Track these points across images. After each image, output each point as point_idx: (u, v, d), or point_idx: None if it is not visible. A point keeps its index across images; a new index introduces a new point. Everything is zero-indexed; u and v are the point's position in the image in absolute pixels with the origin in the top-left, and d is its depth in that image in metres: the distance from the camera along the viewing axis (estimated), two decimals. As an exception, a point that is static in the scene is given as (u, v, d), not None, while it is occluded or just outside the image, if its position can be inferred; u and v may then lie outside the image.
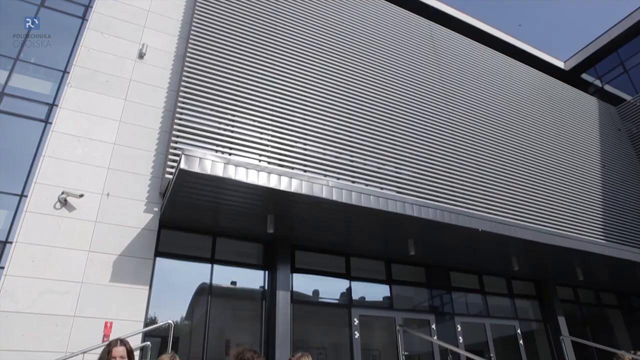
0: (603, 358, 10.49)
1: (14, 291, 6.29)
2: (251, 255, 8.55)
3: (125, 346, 3.69)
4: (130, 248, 7.20)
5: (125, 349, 3.66)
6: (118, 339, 3.76)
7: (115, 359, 3.55)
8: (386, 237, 8.94)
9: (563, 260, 10.39)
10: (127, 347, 3.70)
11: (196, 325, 7.83)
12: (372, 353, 9.27)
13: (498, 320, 10.83)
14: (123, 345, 3.68)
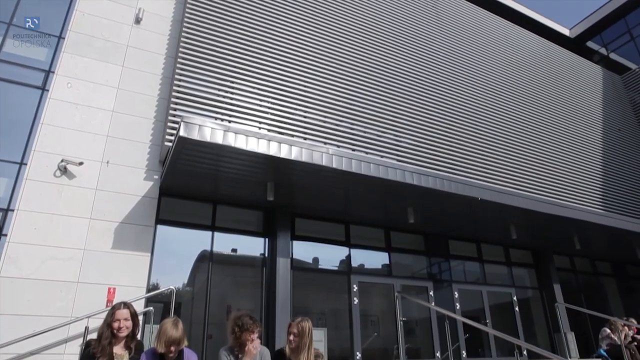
0: (596, 324, 10.70)
1: (18, 258, 6.37)
2: (251, 223, 8.61)
3: (129, 309, 3.76)
4: (131, 215, 7.24)
5: (129, 312, 3.72)
6: (122, 302, 3.82)
7: (119, 321, 3.62)
8: (386, 205, 8.99)
9: (561, 230, 10.47)
10: (131, 310, 3.77)
11: (198, 291, 7.96)
12: (371, 319, 9.46)
13: (495, 287, 11.01)
14: (127, 308, 3.75)
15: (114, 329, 3.60)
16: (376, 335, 9.22)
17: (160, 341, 3.51)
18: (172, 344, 3.52)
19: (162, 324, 3.63)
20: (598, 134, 14.24)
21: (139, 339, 3.90)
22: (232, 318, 3.94)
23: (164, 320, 3.68)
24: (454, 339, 9.07)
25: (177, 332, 3.55)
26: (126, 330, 3.65)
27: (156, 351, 3.55)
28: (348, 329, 8.63)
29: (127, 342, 3.69)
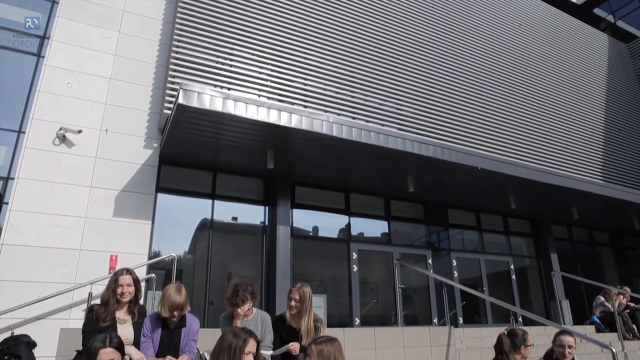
0: (591, 292, 10.88)
1: (20, 226, 6.42)
2: (251, 191, 8.63)
3: (132, 275, 3.79)
4: (131, 184, 7.25)
5: (131, 278, 3.75)
6: (124, 269, 3.85)
7: (122, 286, 3.64)
8: (386, 174, 8.99)
9: (560, 200, 10.51)
10: (133, 276, 3.80)
11: (199, 259, 8.06)
12: (370, 286, 9.62)
13: (492, 256, 11.14)
14: (129, 274, 3.77)
15: (118, 294, 3.64)
16: (375, 302, 9.39)
17: (164, 306, 3.56)
18: (176, 308, 3.57)
19: (166, 289, 3.66)
20: (601, 104, 14.09)
21: (141, 303, 3.95)
22: (232, 285, 3.99)
23: (167, 285, 3.71)
24: (451, 306, 9.23)
25: (180, 297, 3.59)
26: (129, 295, 3.69)
27: (160, 315, 3.61)
28: (347, 296, 8.78)
29: (130, 307, 3.74)
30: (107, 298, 3.63)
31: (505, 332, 3.70)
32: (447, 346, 6.18)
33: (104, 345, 2.35)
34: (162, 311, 3.56)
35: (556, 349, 3.95)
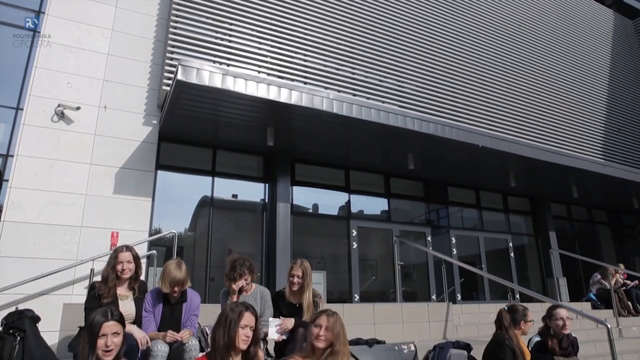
0: (588, 270, 10.97)
1: (21, 203, 6.44)
2: (251, 168, 8.63)
3: (131, 252, 3.79)
4: (131, 161, 7.24)
5: (131, 254, 3.76)
6: (124, 245, 3.85)
7: (122, 263, 3.66)
8: (386, 152, 8.97)
9: (560, 178, 10.51)
10: (133, 253, 3.81)
11: (199, 236, 8.11)
12: (369, 263, 9.70)
13: (491, 234, 11.21)
14: (129, 250, 3.78)
15: (118, 271, 3.65)
16: (374, 279, 9.49)
17: (165, 282, 3.59)
18: (176, 284, 3.59)
19: (166, 265, 3.69)
20: (605, 81, 13.96)
21: (142, 279, 3.98)
22: (230, 260, 4.02)
23: (168, 261, 3.73)
24: (450, 282, 9.33)
25: (181, 273, 3.62)
26: (129, 272, 3.70)
27: (161, 291, 3.64)
28: (347, 273, 8.87)
29: (130, 283, 3.76)
30: (107, 274, 3.65)
31: (505, 307, 3.74)
32: (445, 322, 6.27)
33: (107, 318, 2.37)
34: (163, 287, 3.59)
35: (553, 324, 4.01)
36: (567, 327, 4.07)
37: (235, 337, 2.45)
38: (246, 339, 2.45)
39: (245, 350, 2.51)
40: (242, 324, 2.47)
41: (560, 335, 4.06)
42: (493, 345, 3.47)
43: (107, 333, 2.34)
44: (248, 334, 2.45)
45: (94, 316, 2.37)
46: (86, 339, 2.32)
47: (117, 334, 2.38)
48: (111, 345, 2.32)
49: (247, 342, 2.46)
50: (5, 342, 3.19)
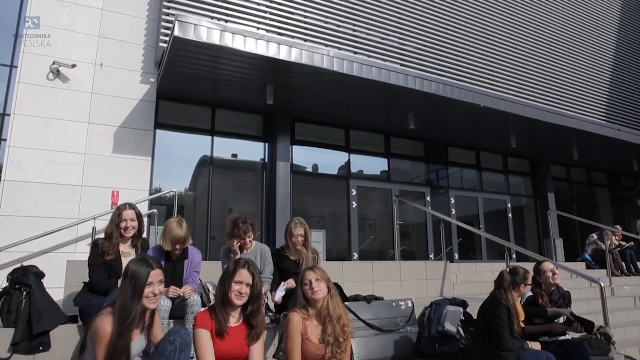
0: (585, 232, 11.08)
1: (21, 162, 6.44)
2: (251, 127, 8.57)
3: (135, 210, 3.79)
4: (130, 120, 7.18)
5: (134, 212, 3.76)
6: (127, 204, 3.84)
7: (126, 221, 3.67)
8: (387, 111, 8.88)
9: (562, 139, 10.46)
10: (136, 211, 3.81)
11: (200, 195, 8.15)
12: (369, 223, 9.80)
13: (490, 195, 11.27)
14: (132, 209, 3.78)
15: (122, 229, 3.67)
16: (373, 238, 9.61)
17: (166, 240, 3.61)
18: (178, 242, 3.62)
19: (167, 223, 3.70)
20: (611, 42, 13.64)
21: (144, 237, 4.02)
22: (231, 219, 4.03)
23: (169, 220, 3.74)
24: (448, 242, 9.46)
25: (182, 231, 3.64)
26: (132, 230, 3.73)
27: (162, 248, 3.68)
28: (346, 232, 8.98)
29: (133, 241, 3.79)
30: (111, 232, 3.67)
31: (507, 269, 3.79)
32: (442, 280, 6.39)
33: (152, 267, 2.39)
34: (165, 245, 3.63)
35: (543, 279, 4.09)
36: (557, 277, 4.16)
37: (229, 292, 2.51)
38: (239, 295, 2.48)
39: (244, 307, 2.55)
40: (236, 280, 2.51)
41: (551, 287, 4.15)
42: (490, 304, 3.54)
43: (154, 281, 2.38)
44: (242, 291, 2.48)
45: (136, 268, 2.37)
46: (129, 290, 2.30)
47: (161, 282, 2.43)
48: (158, 294, 2.38)
49: (240, 298, 2.49)
50: (13, 296, 3.25)
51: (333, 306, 2.74)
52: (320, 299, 2.71)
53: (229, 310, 2.52)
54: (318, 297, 2.70)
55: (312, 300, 2.72)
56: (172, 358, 2.33)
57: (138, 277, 2.34)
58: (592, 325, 3.81)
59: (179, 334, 2.41)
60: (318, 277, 2.74)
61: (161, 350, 2.37)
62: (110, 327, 2.21)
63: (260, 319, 2.54)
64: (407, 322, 4.43)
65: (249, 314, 2.53)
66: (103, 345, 2.19)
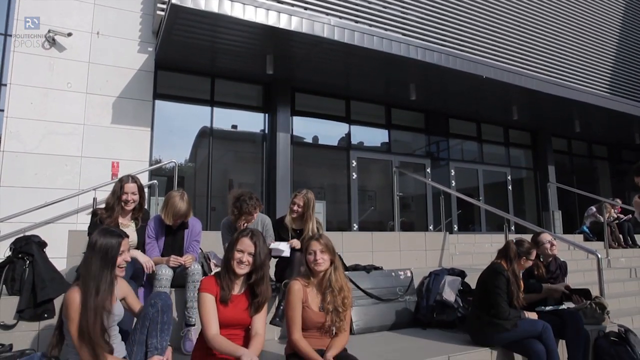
0: (583, 204, 11.12)
1: (19, 133, 6.41)
2: (251, 98, 8.49)
3: (136, 182, 3.74)
4: (128, 90, 7.11)
5: (136, 185, 3.71)
6: (129, 176, 3.77)
7: (127, 194, 3.63)
8: (388, 81, 8.78)
9: (564, 111, 10.38)
10: (138, 184, 3.76)
11: (200, 166, 8.14)
12: (368, 194, 9.83)
13: (491, 167, 11.26)
14: (134, 182, 3.72)
15: (123, 201, 3.65)
16: (373, 209, 9.65)
17: (168, 214, 3.56)
18: (180, 217, 3.60)
19: (170, 196, 3.64)
20: (618, 12, 13.34)
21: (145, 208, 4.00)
22: (232, 196, 3.98)
23: (171, 192, 3.69)
24: (447, 214, 9.50)
25: (184, 205, 3.58)
26: (133, 204, 3.69)
27: (163, 221, 3.65)
28: (346, 203, 9.02)
29: (134, 213, 3.77)
30: (112, 204, 3.64)
31: (514, 240, 3.81)
32: (441, 250, 6.45)
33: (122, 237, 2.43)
34: (166, 219, 3.58)
35: (541, 249, 4.13)
36: (555, 248, 4.19)
37: (231, 260, 2.53)
38: (240, 263, 2.50)
39: (248, 276, 2.57)
40: (238, 248, 2.53)
41: (549, 258, 4.19)
42: (489, 273, 3.58)
43: (125, 249, 2.41)
44: (243, 259, 2.49)
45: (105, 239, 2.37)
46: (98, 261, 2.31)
47: (129, 250, 2.47)
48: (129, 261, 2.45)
49: (241, 266, 2.50)
50: (16, 265, 3.28)
51: (335, 277, 2.75)
52: (322, 270, 2.74)
53: (233, 278, 2.55)
54: (320, 269, 2.72)
55: (314, 270, 2.74)
56: (156, 319, 2.40)
57: (109, 248, 2.35)
58: (588, 292, 3.86)
59: (160, 297, 2.47)
60: (322, 248, 2.73)
61: (144, 314, 2.43)
62: (79, 298, 2.22)
63: (264, 288, 2.55)
64: (405, 292, 4.50)
65: (253, 283, 2.55)
66: (74, 317, 2.20)
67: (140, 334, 2.41)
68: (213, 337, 2.39)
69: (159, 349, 2.38)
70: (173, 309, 2.56)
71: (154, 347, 2.38)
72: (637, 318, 5.52)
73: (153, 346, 2.38)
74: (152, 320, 2.40)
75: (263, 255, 2.53)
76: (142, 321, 2.42)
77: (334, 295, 2.71)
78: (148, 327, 2.40)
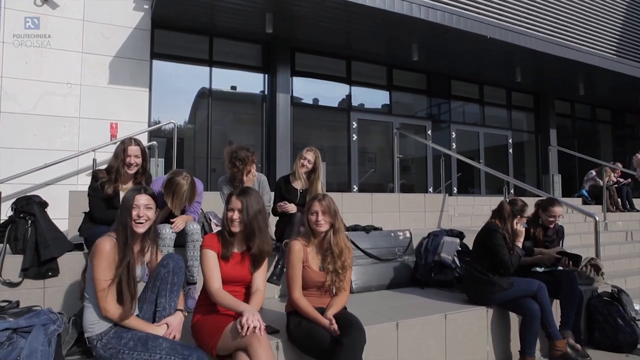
0: (583, 168, 11.11)
1: (15, 93, 6.34)
2: (250, 57, 8.33)
3: (139, 145, 3.66)
4: (124, 49, 6.97)
5: (139, 148, 3.62)
6: (132, 139, 3.67)
7: (130, 157, 3.57)
8: (389, 41, 8.59)
9: (569, 74, 10.22)
10: (141, 147, 3.66)
11: (199, 128, 8.09)
12: (369, 156, 9.81)
13: (492, 129, 11.20)
14: (137, 144, 3.62)
15: (126, 164, 3.59)
16: (373, 171, 9.66)
17: (175, 204, 3.39)
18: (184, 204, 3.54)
19: (176, 184, 3.38)
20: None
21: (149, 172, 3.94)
22: (228, 151, 3.96)
23: (175, 178, 3.41)
24: (447, 177, 9.52)
25: (189, 191, 3.48)
26: (135, 167, 3.64)
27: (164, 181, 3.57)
28: (346, 165, 9.02)
29: (137, 177, 3.72)
30: (115, 167, 3.57)
31: (507, 199, 3.82)
32: (440, 212, 6.49)
33: (139, 192, 2.44)
34: (175, 209, 3.42)
35: (544, 216, 4.13)
36: (556, 223, 4.19)
37: (224, 219, 2.57)
38: (232, 221, 2.52)
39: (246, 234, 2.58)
40: (229, 207, 2.57)
41: (550, 225, 4.20)
42: (486, 232, 3.61)
43: (140, 205, 2.42)
44: (234, 217, 2.51)
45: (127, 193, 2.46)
46: (122, 213, 2.41)
47: (149, 208, 2.46)
48: (143, 217, 2.42)
49: (234, 224, 2.52)
50: (18, 225, 3.29)
51: (335, 240, 2.74)
52: (322, 232, 2.74)
53: (230, 236, 2.58)
54: (320, 230, 2.73)
55: (315, 231, 2.75)
56: (166, 280, 2.44)
57: (126, 200, 2.43)
58: (579, 259, 3.89)
59: (172, 259, 2.50)
60: (324, 209, 2.72)
61: (156, 274, 2.47)
62: (109, 245, 2.30)
63: (257, 242, 2.54)
64: (404, 252, 4.56)
65: (247, 240, 2.57)
66: (101, 261, 2.27)
67: (151, 293, 2.47)
68: (216, 292, 2.44)
69: (168, 309, 2.44)
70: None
71: (162, 307, 2.44)
72: (630, 279, 5.64)
73: (162, 306, 2.44)
74: (163, 281, 2.44)
75: (252, 212, 2.52)
76: (153, 281, 2.47)
77: (334, 257, 2.73)
78: (159, 287, 2.45)
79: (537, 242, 4.17)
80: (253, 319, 2.20)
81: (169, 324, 2.40)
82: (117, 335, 2.28)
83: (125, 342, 2.25)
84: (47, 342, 2.20)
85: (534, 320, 3.37)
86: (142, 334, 2.28)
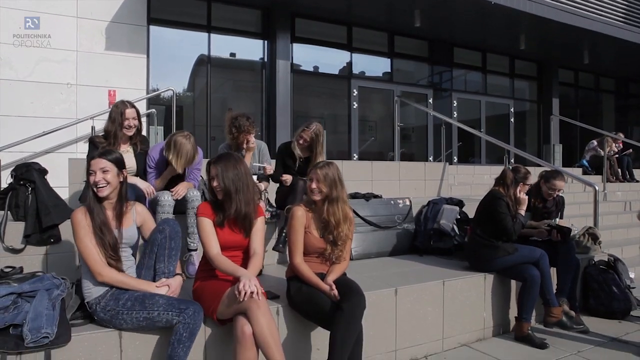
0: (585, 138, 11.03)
1: (10, 59, 6.23)
2: (249, 23, 8.16)
3: (134, 107, 3.67)
4: (120, 14, 6.81)
5: (134, 110, 3.64)
6: (127, 102, 3.65)
7: (128, 119, 3.56)
8: (391, 6, 8.37)
9: (574, 41, 10.04)
10: (136, 108, 3.69)
11: (198, 95, 8.01)
12: (369, 124, 9.75)
13: (494, 98, 11.08)
14: (132, 107, 3.64)
15: (125, 127, 3.58)
16: (373, 140, 9.62)
17: (179, 162, 3.37)
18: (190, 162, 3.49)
19: (178, 142, 3.37)
20: None
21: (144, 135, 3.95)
22: (229, 118, 3.93)
23: (177, 137, 3.39)
24: (448, 145, 9.46)
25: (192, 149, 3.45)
26: (134, 128, 3.65)
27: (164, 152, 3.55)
28: (346, 133, 8.98)
29: (132, 139, 3.73)
30: (114, 131, 3.57)
31: (510, 167, 3.81)
32: (440, 181, 6.50)
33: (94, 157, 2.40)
34: (178, 167, 3.41)
35: (545, 188, 4.12)
36: (554, 196, 4.18)
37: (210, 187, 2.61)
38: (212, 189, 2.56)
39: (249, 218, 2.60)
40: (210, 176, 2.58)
41: (549, 197, 4.19)
42: (490, 199, 3.62)
43: (96, 169, 2.37)
44: (214, 184, 2.53)
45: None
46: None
47: (105, 171, 2.38)
48: (100, 181, 2.36)
49: (217, 192, 2.53)
50: (19, 192, 3.28)
51: (332, 210, 2.71)
52: (316, 201, 2.73)
53: (220, 203, 2.57)
54: (313, 198, 2.72)
55: (310, 198, 2.75)
56: (164, 245, 2.46)
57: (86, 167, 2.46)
58: (569, 233, 3.89)
59: (168, 224, 2.51)
60: (320, 177, 2.69)
61: (152, 239, 2.49)
62: (80, 213, 2.34)
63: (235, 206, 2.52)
64: (404, 219, 4.58)
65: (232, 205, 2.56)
66: (78, 231, 2.32)
67: (149, 258, 2.49)
68: (215, 256, 2.46)
69: (166, 273, 2.46)
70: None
71: (161, 272, 2.46)
72: (627, 248, 5.70)
73: (160, 270, 2.46)
74: (160, 246, 2.46)
75: (228, 177, 2.50)
76: (150, 246, 2.49)
77: (331, 228, 2.73)
78: (156, 252, 2.46)
79: (535, 213, 4.18)
80: (250, 284, 2.21)
81: (169, 285, 2.43)
82: (114, 297, 2.31)
83: (123, 302, 2.28)
84: (51, 306, 2.23)
85: (534, 286, 3.41)
86: (139, 294, 2.31)
